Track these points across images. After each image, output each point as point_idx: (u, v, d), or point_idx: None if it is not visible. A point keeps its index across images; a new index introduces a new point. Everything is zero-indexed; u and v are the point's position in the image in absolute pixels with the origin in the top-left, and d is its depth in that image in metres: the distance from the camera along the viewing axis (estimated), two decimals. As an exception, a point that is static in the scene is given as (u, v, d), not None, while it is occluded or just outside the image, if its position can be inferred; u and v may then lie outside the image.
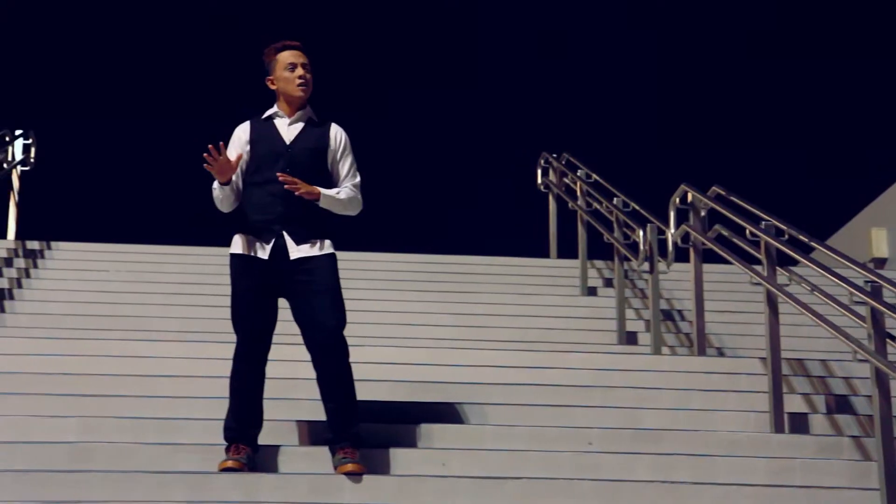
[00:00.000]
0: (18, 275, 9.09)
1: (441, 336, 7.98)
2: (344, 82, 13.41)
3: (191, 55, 14.42)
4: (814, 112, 14.25)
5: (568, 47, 14.75)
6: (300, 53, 5.42)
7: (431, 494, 5.03)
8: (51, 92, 13.71)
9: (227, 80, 12.90)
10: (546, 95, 14.55)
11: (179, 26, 14.61)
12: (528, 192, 11.44)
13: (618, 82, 14.80)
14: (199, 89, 14.10)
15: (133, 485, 4.90)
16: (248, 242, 5.27)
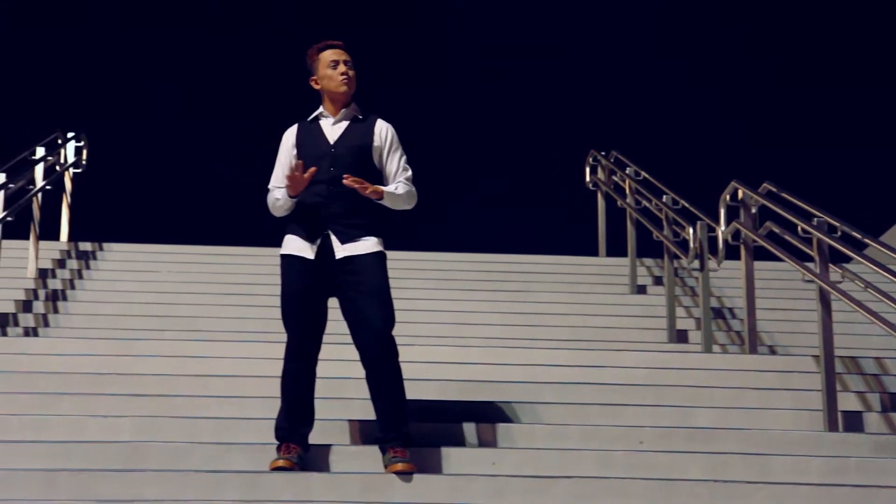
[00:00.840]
0: (71, 276, 9.19)
1: (491, 335, 7.98)
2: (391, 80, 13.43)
3: (242, 55, 14.50)
4: (864, 108, 14.10)
5: (618, 45, 14.69)
6: (342, 51, 5.44)
7: (482, 494, 5.02)
8: (102, 93, 13.84)
9: (278, 81, 12.97)
10: (595, 93, 14.49)
11: (228, 26, 14.70)
12: (576, 191, 11.40)
13: (667, 80, 14.71)
14: (250, 90, 14.18)
15: (186, 484, 4.93)
16: (297, 243, 5.29)
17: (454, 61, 14.67)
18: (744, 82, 14.48)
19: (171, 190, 13.92)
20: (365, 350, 5.20)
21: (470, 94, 14.56)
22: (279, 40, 13.91)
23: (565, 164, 12.21)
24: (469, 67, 14.65)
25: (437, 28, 14.97)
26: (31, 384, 6.15)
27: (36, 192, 9.23)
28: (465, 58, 14.70)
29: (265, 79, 14.11)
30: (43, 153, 9.50)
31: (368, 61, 5.64)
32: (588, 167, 11.07)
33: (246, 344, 7.05)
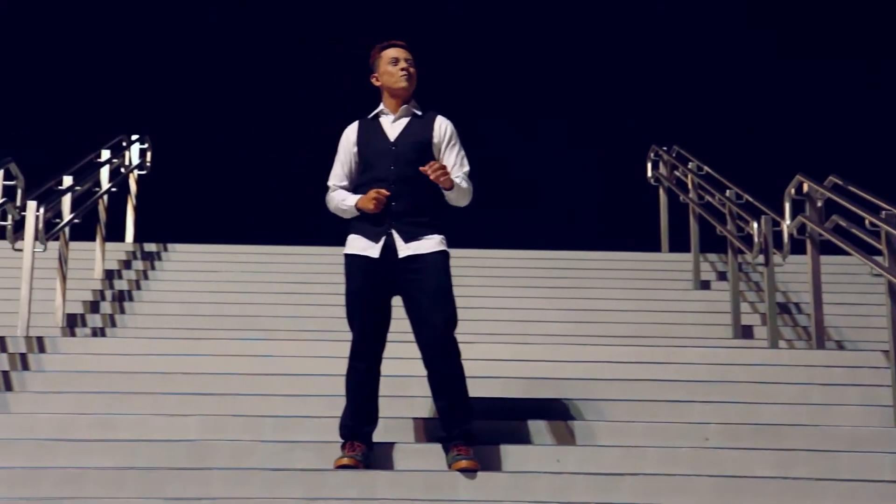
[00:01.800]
0: (137, 277, 9.30)
1: (554, 332, 7.95)
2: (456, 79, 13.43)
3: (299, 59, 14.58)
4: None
5: (680, 41, 14.57)
6: (403, 50, 5.46)
7: (546, 491, 5.00)
8: (164, 96, 13.98)
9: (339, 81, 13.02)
10: (656, 86, 14.38)
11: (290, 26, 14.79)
12: (638, 186, 11.32)
13: (728, 75, 14.57)
14: (308, 91, 14.25)
15: (252, 482, 4.97)
16: (361, 242, 5.30)
17: (512, 57, 14.64)
18: (807, 77, 14.30)
19: (232, 190, 14.03)
20: (427, 349, 5.20)
21: (529, 89, 14.52)
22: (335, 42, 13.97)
23: (626, 160, 12.13)
24: (529, 63, 14.61)
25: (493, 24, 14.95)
26: (98, 384, 6.23)
27: (102, 195, 9.34)
28: (525, 54, 14.66)
29: (322, 79, 14.18)
30: (108, 156, 9.61)
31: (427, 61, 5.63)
32: (649, 162, 10.99)
33: (309, 342, 7.08)
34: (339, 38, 13.89)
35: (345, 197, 5.39)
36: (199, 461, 5.18)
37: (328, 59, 14.16)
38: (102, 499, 4.83)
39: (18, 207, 7.64)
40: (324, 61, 14.27)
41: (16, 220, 7.64)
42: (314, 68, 14.43)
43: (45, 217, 7.71)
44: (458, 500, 4.95)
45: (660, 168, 10.84)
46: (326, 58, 14.20)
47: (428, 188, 5.34)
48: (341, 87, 11.65)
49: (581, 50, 14.59)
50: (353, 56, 5.75)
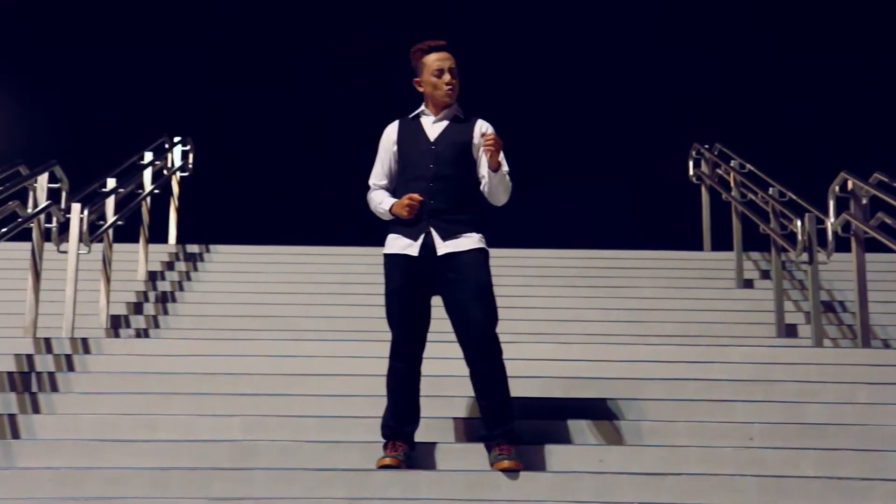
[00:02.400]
0: (180, 278, 9.36)
1: (595, 331, 7.92)
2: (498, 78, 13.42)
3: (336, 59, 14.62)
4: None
5: (719, 37, 14.48)
6: (447, 56, 5.41)
7: (589, 491, 4.98)
8: (205, 98, 14.07)
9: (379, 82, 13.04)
10: (697, 85, 14.31)
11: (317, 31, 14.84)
12: (679, 185, 11.26)
13: (771, 71, 14.46)
14: (347, 91, 14.29)
15: (294, 482, 4.98)
16: (400, 241, 5.30)
17: (553, 54, 14.61)
18: (852, 74, 14.17)
19: (273, 191, 14.10)
20: (469, 348, 5.19)
21: (571, 88, 14.49)
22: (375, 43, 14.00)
23: (668, 158, 12.07)
24: (570, 61, 14.57)
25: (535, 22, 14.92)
26: (142, 384, 6.27)
27: (145, 196, 9.41)
28: (565, 50, 14.63)
29: (363, 80, 14.21)
30: (150, 158, 9.68)
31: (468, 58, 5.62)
32: (691, 160, 10.93)
33: (350, 342, 7.10)
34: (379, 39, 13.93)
35: (381, 200, 5.40)
36: (242, 461, 5.21)
37: (367, 60, 14.20)
38: (147, 499, 4.86)
39: (63, 210, 7.71)
40: (362, 63, 14.32)
41: (60, 223, 7.72)
42: (354, 70, 14.47)
43: (89, 219, 7.78)
44: (500, 499, 4.94)
45: (702, 166, 10.78)
46: (365, 59, 14.24)
47: (467, 187, 5.34)
48: (382, 87, 11.68)
49: (623, 45, 14.54)
50: (397, 57, 5.74)
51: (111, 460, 5.20)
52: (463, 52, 5.48)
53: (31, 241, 7.36)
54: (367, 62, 14.13)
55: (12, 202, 7.09)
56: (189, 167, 10.95)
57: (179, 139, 10.79)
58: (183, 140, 10.84)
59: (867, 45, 14.34)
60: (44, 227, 7.49)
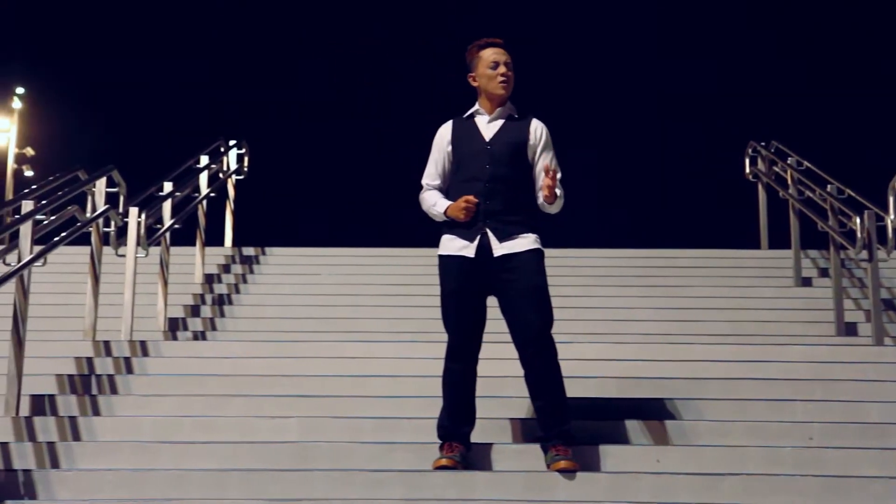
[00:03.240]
0: (236, 280, 9.42)
1: (652, 331, 7.88)
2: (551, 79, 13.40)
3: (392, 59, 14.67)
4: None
5: (775, 38, 14.36)
6: (503, 51, 5.42)
7: (647, 491, 4.96)
8: (260, 101, 14.18)
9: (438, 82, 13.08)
10: (752, 82, 14.19)
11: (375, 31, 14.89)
12: (735, 183, 11.16)
13: (828, 69, 14.31)
14: (404, 92, 14.33)
15: (352, 483, 5.00)
16: (455, 242, 5.30)
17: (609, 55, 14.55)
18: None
19: (327, 193, 14.18)
20: (524, 349, 5.18)
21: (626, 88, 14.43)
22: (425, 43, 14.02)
23: (724, 156, 11.98)
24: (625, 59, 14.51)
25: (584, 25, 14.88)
26: (200, 386, 6.33)
27: (201, 200, 9.49)
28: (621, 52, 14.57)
29: (419, 80, 14.25)
30: (206, 161, 9.75)
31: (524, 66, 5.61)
32: (747, 158, 10.82)
33: (405, 344, 7.12)
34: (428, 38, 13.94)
35: (435, 202, 5.39)
36: (300, 462, 5.23)
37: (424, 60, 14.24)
38: (206, 500, 4.90)
39: (121, 214, 7.79)
40: (419, 63, 14.36)
41: (118, 227, 7.80)
42: (410, 71, 14.52)
43: (147, 223, 7.86)
44: (557, 500, 4.93)
45: (758, 164, 10.68)
46: (422, 59, 14.27)
47: (522, 188, 5.33)
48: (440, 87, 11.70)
49: (677, 47, 14.46)
50: (452, 57, 5.75)
51: (170, 462, 5.25)
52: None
53: (90, 245, 7.45)
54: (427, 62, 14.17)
55: (71, 207, 7.18)
56: (244, 170, 11.03)
57: (235, 142, 10.86)
58: (238, 143, 10.92)
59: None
60: (102, 231, 7.57)
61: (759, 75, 14.12)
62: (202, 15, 14.35)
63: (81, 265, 8.42)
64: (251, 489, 4.97)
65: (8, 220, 6.44)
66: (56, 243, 6.73)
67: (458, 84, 5.51)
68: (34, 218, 6.27)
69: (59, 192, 6.95)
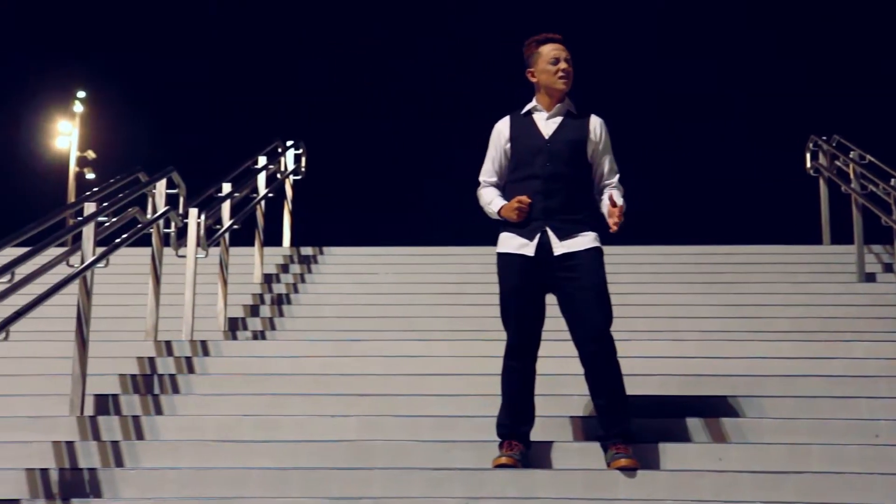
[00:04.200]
0: (294, 280, 9.47)
1: (712, 328, 7.80)
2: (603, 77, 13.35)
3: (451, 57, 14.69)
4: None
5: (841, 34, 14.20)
6: (562, 47, 5.39)
7: (709, 490, 4.90)
8: (318, 102, 14.26)
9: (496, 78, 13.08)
10: (814, 76, 14.04)
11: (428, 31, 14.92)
12: (796, 178, 11.04)
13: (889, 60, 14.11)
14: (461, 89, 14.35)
15: (412, 481, 5.00)
16: (514, 240, 5.28)
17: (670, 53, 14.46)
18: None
19: (384, 193, 14.23)
20: (584, 347, 5.16)
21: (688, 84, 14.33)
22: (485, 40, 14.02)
23: (784, 151, 11.85)
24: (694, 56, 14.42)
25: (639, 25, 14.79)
26: (260, 386, 6.37)
27: (259, 200, 9.54)
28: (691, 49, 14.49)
29: (475, 78, 14.25)
30: (264, 162, 9.81)
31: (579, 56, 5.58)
32: (808, 153, 10.70)
33: (463, 342, 7.11)
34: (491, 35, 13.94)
35: (491, 199, 5.38)
36: (359, 461, 5.24)
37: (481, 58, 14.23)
38: (267, 498, 4.93)
39: (181, 215, 7.86)
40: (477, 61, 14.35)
41: (178, 228, 7.87)
42: (467, 69, 14.53)
43: (206, 224, 7.92)
44: (618, 499, 4.89)
45: (819, 158, 10.54)
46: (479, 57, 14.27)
47: (581, 185, 5.32)
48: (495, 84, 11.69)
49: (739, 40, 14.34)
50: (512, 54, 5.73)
51: (232, 460, 5.29)
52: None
53: (151, 247, 7.52)
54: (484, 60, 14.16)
55: (132, 208, 7.25)
56: (302, 170, 11.08)
57: (292, 143, 10.92)
58: (295, 144, 10.97)
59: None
60: (163, 232, 7.64)
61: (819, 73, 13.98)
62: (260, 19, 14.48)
63: (142, 266, 8.50)
64: (311, 488, 4.99)
65: (71, 223, 6.52)
66: (118, 245, 6.80)
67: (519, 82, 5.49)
68: (96, 220, 6.34)
69: (121, 195, 7.03)
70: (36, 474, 5.08)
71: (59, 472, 5.11)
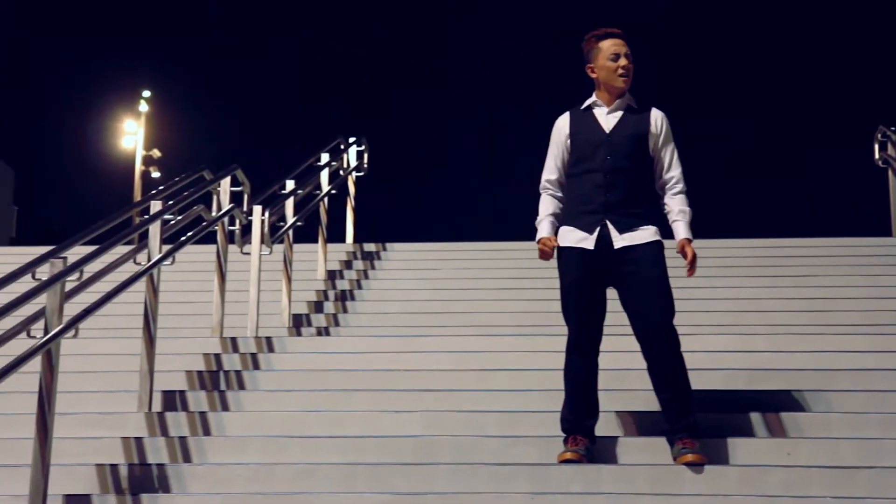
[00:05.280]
0: (358, 276, 9.51)
1: (779, 321, 7.72)
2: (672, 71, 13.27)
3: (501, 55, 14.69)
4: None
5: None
6: (622, 42, 5.36)
7: (777, 485, 4.85)
8: (379, 100, 14.33)
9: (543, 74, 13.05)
10: (880, 65, 13.83)
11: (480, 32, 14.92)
12: (864, 169, 10.88)
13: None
14: (514, 85, 14.34)
15: (477, 477, 5.00)
16: (574, 234, 5.26)
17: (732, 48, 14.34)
18: None
19: (446, 189, 14.26)
20: (647, 341, 5.13)
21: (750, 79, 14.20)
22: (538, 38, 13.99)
23: (851, 142, 11.69)
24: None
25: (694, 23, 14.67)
26: (325, 382, 6.40)
27: (322, 197, 9.59)
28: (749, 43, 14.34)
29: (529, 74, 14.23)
30: (327, 159, 9.85)
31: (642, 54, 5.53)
32: (877, 143, 10.53)
33: (526, 337, 7.09)
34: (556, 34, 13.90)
35: (542, 218, 5.40)
36: (424, 456, 5.26)
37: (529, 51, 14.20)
38: (333, 493, 4.96)
39: (245, 212, 7.92)
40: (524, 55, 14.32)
41: (243, 225, 7.93)
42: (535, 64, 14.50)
43: (270, 221, 7.97)
44: (684, 494, 4.85)
45: (888, 149, 10.38)
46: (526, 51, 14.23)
47: (642, 179, 5.30)
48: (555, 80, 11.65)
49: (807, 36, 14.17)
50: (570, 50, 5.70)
51: (298, 456, 5.32)
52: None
53: (216, 244, 7.59)
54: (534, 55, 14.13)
55: (197, 206, 7.32)
56: (364, 167, 11.12)
57: (354, 139, 10.95)
58: (358, 140, 11.01)
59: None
60: (227, 229, 7.70)
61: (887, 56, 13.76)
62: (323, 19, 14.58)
63: (208, 263, 8.58)
64: (377, 482, 5.01)
65: (137, 221, 6.59)
66: (183, 242, 6.87)
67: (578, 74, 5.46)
68: (162, 218, 6.41)
69: (186, 193, 7.10)
70: (106, 470, 5.15)
71: (128, 467, 5.18)
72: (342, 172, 10.49)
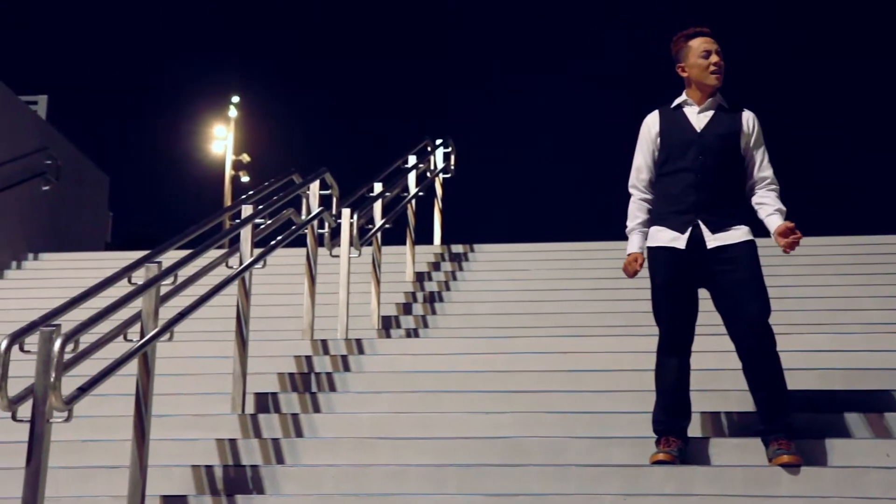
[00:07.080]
0: (446, 278, 9.53)
1: (874, 320, 7.57)
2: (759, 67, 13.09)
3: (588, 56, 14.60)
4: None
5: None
6: (712, 40, 5.31)
7: (876, 486, 4.75)
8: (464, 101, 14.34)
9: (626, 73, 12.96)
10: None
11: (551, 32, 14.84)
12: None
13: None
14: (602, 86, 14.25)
15: (568, 478, 4.98)
16: (666, 234, 5.22)
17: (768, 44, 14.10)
18: None
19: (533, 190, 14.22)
20: (742, 341, 5.07)
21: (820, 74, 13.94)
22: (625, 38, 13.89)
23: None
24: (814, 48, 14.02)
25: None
26: (415, 383, 6.42)
27: (410, 199, 9.62)
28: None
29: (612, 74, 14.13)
30: (414, 161, 9.88)
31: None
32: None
33: (616, 338, 7.04)
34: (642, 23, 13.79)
35: (632, 227, 5.37)
36: (515, 457, 5.25)
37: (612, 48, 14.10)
38: (424, 494, 4.97)
39: (334, 215, 7.98)
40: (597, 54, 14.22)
41: (332, 228, 8.00)
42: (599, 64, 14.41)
43: (359, 223, 8.02)
44: (780, 495, 4.78)
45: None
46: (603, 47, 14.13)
47: (734, 179, 5.25)
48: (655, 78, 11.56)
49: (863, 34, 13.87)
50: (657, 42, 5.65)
51: (389, 457, 5.35)
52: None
53: (306, 247, 7.66)
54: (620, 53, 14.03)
55: (287, 210, 7.39)
56: (451, 169, 11.13)
57: (441, 141, 10.97)
58: (445, 142, 11.03)
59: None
60: (317, 232, 7.77)
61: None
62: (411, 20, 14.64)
63: (298, 266, 8.67)
64: (468, 484, 5.02)
65: (228, 225, 6.68)
66: (274, 246, 6.95)
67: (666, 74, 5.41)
68: (253, 222, 6.48)
69: (275, 196, 7.17)
70: (201, 471, 5.23)
71: (222, 468, 5.25)
72: (429, 174, 10.52)
